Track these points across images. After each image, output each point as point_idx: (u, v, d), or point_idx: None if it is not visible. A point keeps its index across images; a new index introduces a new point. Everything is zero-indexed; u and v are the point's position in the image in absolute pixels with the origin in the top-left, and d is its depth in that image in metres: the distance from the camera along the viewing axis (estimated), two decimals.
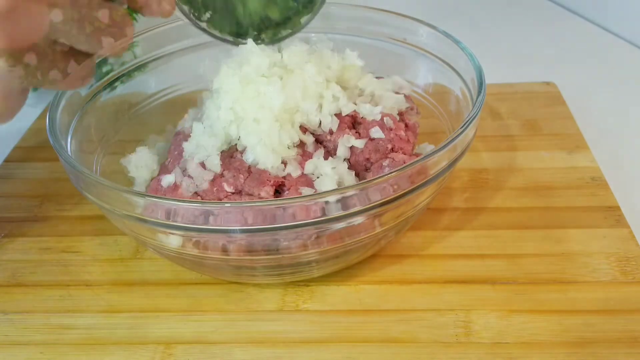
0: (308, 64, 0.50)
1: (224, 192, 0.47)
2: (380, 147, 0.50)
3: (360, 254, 0.49)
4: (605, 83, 0.77)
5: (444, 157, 0.45)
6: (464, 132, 0.45)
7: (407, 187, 0.43)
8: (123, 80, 0.60)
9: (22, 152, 0.68)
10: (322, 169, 0.48)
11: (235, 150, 0.50)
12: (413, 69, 0.60)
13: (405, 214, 0.47)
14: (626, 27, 0.87)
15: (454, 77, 0.56)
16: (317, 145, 0.51)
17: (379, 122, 0.51)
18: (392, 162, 0.49)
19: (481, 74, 0.50)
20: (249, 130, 0.48)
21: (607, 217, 0.54)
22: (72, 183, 0.47)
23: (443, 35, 0.56)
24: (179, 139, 0.53)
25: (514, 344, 0.45)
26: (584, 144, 0.63)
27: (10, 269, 0.53)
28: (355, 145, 0.50)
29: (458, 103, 0.55)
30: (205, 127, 0.50)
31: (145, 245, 0.50)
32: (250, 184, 0.47)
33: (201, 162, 0.49)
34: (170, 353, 0.46)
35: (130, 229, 0.46)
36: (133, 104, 0.61)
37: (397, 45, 0.61)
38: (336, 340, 0.46)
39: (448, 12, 0.59)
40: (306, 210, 0.41)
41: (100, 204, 0.45)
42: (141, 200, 0.42)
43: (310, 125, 0.50)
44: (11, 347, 0.47)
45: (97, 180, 0.44)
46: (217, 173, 0.48)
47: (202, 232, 0.42)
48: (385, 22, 0.61)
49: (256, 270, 0.48)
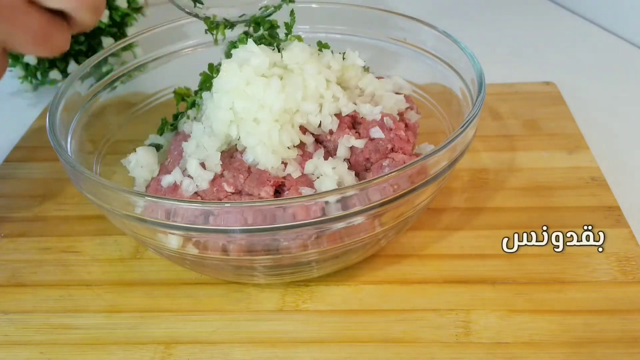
0: (308, 64, 0.50)
1: (224, 192, 0.47)
2: (380, 147, 0.50)
3: (360, 254, 0.49)
4: (605, 83, 0.77)
5: (444, 157, 0.44)
6: (464, 132, 0.45)
7: (407, 187, 0.43)
8: (123, 80, 0.60)
9: (22, 152, 0.68)
10: (322, 169, 0.48)
11: (235, 150, 0.50)
12: (413, 68, 0.60)
13: (405, 214, 0.47)
14: (626, 27, 0.87)
15: (454, 77, 0.56)
16: (317, 146, 0.51)
17: (379, 122, 0.51)
18: (392, 162, 0.49)
19: (481, 74, 0.50)
20: (248, 131, 0.48)
21: (607, 217, 0.54)
22: (72, 183, 0.47)
23: (443, 35, 0.56)
24: (178, 139, 0.53)
25: (514, 344, 0.45)
26: (584, 144, 0.63)
27: (10, 269, 0.53)
28: (356, 146, 0.50)
29: (458, 103, 0.55)
30: (205, 127, 0.50)
31: (145, 245, 0.50)
32: (250, 184, 0.47)
33: (201, 162, 0.49)
34: (170, 353, 0.46)
35: (130, 229, 0.46)
36: (133, 104, 0.61)
37: (398, 45, 0.61)
38: (336, 340, 0.46)
39: (448, 12, 0.59)
40: (307, 210, 0.41)
41: (100, 204, 0.45)
42: (141, 200, 0.42)
43: (310, 125, 0.50)
44: (11, 347, 0.47)
45: (97, 180, 0.44)
46: (217, 173, 0.48)
47: (202, 232, 0.42)
48: (385, 21, 0.61)
49: (256, 270, 0.48)
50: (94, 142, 0.56)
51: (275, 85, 0.48)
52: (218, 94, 0.50)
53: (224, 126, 0.49)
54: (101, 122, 0.57)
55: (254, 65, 0.49)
